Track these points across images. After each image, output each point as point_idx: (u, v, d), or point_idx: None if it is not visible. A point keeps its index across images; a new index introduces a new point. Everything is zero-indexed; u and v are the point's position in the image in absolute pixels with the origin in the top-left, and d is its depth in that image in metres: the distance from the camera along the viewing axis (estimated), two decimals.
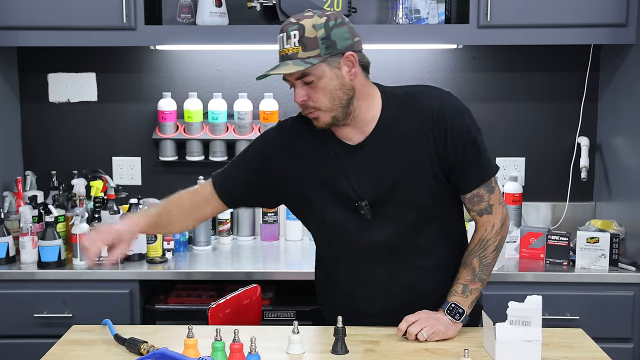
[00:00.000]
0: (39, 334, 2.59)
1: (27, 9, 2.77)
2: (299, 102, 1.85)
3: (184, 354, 1.72)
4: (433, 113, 1.87)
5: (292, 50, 1.80)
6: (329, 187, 1.90)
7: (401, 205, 1.89)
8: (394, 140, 1.88)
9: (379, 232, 1.90)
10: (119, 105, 3.21)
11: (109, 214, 2.80)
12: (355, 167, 1.89)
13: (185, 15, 2.98)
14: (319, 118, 1.85)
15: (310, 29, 1.79)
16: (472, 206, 1.94)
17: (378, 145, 1.88)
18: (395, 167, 1.87)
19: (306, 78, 1.81)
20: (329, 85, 1.82)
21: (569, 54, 3.12)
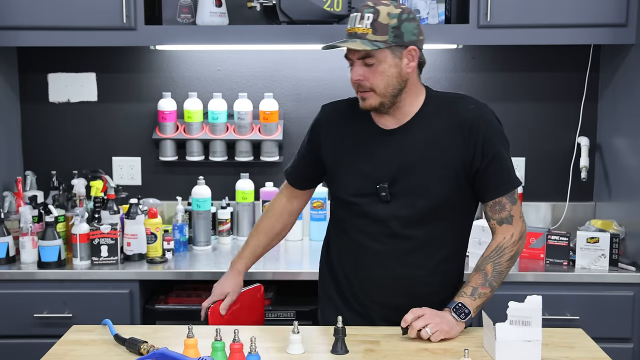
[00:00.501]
0: (39, 334, 2.59)
1: (27, 9, 2.77)
2: (354, 80, 1.95)
3: (184, 354, 1.72)
4: (469, 120, 1.96)
5: (362, 30, 1.91)
6: (357, 163, 2.02)
7: (417, 194, 1.97)
8: (426, 134, 1.98)
9: (392, 214, 1.98)
10: (119, 105, 3.21)
11: (109, 214, 2.80)
12: (383, 149, 2.00)
13: (185, 15, 2.98)
14: (368, 99, 1.95)
15: (384, 16, 1.91)
16: (492, 214, 2.01)
17: (410, 135, 1.99)
18: (421, 158, 1.97)
19: (368, 59, 1.92)
20: (387, 72, 1.93)
21: (569, 54, 3.12)
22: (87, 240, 2.69)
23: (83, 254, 2.69)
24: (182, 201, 3.05)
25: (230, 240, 3.10)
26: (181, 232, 2.94)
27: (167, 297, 2.77)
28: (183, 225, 2.95)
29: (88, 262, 2.70)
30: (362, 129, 2.04)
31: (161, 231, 2.83)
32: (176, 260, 2.84)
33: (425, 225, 1.99)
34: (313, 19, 2.82)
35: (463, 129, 1.95)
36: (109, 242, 2.70)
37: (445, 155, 1.96)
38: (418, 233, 2.00)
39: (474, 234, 2.68)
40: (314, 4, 2.81)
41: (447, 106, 2.00)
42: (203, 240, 2.97)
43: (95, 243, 2.70)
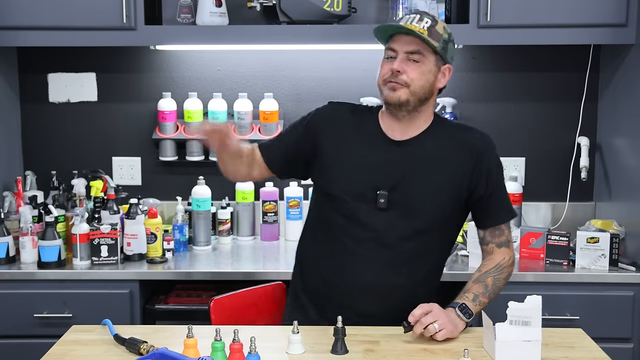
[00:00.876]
0: (39, 334, 2.59)
1: (27, 9, 2.77)
2: (395, 69, 1.97)
3: (184, 354, 1.72)
4: (478, 148, 2.05)
5: (419, 29, 1.95)
6: (359, 165, 2.03)
7: (415, 208, 2.01)
8: (433, 152, 2.03)
9: (388, 223, 2.00)
10: (119, 105, 3.21)
11: (109, 214, 2.80)
12: (388, 158, 2.03)
13: (185, 15, 2.98)
14: (399, 90, 1.98)
15: (441, 26, 2.00)
16: (492, 238, 2.08)
17: (416, 148, 2.03)
18: (424, 173, 2.01)
19: (416, 55, 1.97)
20: (427, 74, 1.99)
21: (569, 54, 3.12)
22: (87, 240, 2.69)
23: (83, 254, 2.69)
24: (182, 201, 3.05)
25: (230, 240, 3.10)
26: (181, 232, 2.94)
27: (167, 297, 2.77)
28: (183, 225, 2.95)
29: (88, 262, 2.70)
30: (369, 134, 2.07)
31: (161, 231, 2.83)
32: (176, 260, 2.84)
33: (418, 238, 2.02)
34: (313, 19, 2.82)
35: (472, 155, 2.03)
36: (109, 242, 2.70)
37: (449, 175, 2.02)
38: (411, 245, 2.02)
39: (474, 234, 2.68)
40: (314, 4, 2.81)
41: (455, 131, 2.08)
42: (203, 240, 2.97)
43: (95, 243, 2.70)
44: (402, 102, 1.98)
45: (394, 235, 2.01)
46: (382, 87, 2.02)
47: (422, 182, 2.01)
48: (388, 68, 2.00)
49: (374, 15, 3.08)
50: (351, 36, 2.84)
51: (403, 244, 2.01)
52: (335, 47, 3.10)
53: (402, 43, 1.99)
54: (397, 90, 1.98)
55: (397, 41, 2.00)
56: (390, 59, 2.01)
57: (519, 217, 3.09)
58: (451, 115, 3.09)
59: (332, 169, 2.07)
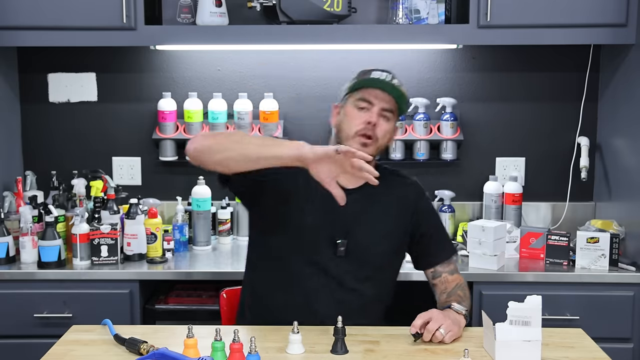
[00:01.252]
0: (39, 334, 2.59)
1: (27, 9, 2.77)
2: (372, 121, 1.99)
3: (184, 354, 1.72)
4: (411, 194, 2.15)
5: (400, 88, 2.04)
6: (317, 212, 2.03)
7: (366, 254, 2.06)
8: (377, 199, 2.08)
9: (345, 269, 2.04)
10: (119, 105, 3.21)
11: (109, 214, 2.80)
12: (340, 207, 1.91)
13: (185, 15, 2.98)
14: (368, 146, 2.00)
15: (404, 88, 2.08)
16: (443, 269, 2.16)
17: (364, 197, 2.06)
18: (372, 220, 2.08)
19: (388, 114, 2.03)
20: (391, 132, 2.07)
21: (569, 54, 3.12)
22: (87, 240, 2.69)
23: (83, 254, 2.69)
24: (182, 201, 3.05)
25: (230, 240, 3.10)
26: (181, 232, 2.94)
27: (167, 297, 2.77)
28: (183, 225, 2.95)
29: (88, 262, 2.70)
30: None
31: (161, 231, 2.82)
32: (176, 260, 2.84)
33: (371, 280, 2.08)
34: (313, 19, 2.82)
35: (408, 201, 2.13)
36: (109, 242, 2.70)
37: (392, 220, 2.10)
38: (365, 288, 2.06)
39: (474, 234, 2.69)
40: (314, 4, 2.81)
41: (392, 178, 2.15)
42: (203, 240, 2.97)
43: (95, 243, 2.70)
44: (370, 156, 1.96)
45: (350, 279, 2.05)
46: (352, 138, 2.00)
47: (371, 228, 2.07)
48: (364, 119, 2.00)
49: (374, 15, 3.09)
50: (351, 36, 2.84)
51: (359, 287, 2.06)
52: (335, 47, 3.10)
53: (379, 98, 2.01)
54: (368, 147, 1.99)
55: (374, 95, 2.01)
56: (363, 110, 2.01)
57: (518, 217, 3.09)
58: (451, 115, 3.10)
59: (290, 214, 2.04)
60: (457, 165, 3.21)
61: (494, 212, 3.09)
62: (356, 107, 2.02)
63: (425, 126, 3.11)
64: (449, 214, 3.11)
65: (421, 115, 3.10)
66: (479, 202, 3.19)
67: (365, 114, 2.00)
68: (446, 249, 2.20)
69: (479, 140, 3.21)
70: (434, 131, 3.12)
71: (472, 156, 3.21)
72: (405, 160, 3.15)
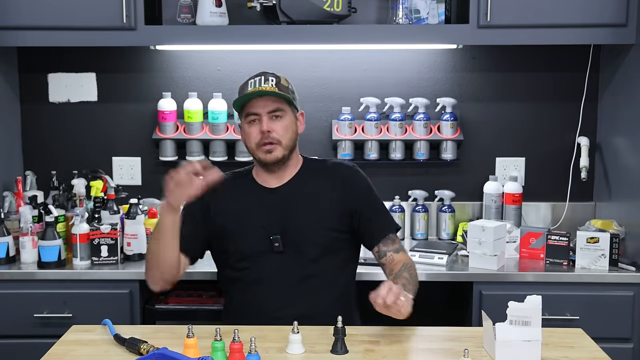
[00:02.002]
0: (39, 334, 2.59)
1: (27, 9, 2.77)
2: (264, 130, 2.11)
3: (184, 354, 1.72)
4: (342, 176, 2.22)
5: (269, 88, 2.12)
6: (249, 221, 2.17)
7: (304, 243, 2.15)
8: (306, 190, 2.19)
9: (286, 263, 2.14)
10: (119, 105, 3.21)
11: (109, 214, 2.80)
12: (269, 206, 2.18)
13: (185, 15, 2.98)
14: (274, 151, 2.14)
15: (284, 80, 2.18)
16: (387, 247, 2.19)
17: (292, 191, 2.19)
18: (303, 210, 2.16)
19: (278, 112, 2.13)
20: (291, 126, 2.16)
21: (569, 54, 3.12)
22: (87, 240, 2.70)
23: (83, 254, 2.69)
24: None
25: None
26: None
27: (167, 297, 2.77)
28: None
29: (88, 262, 2.70)
30: (247, 191, 2.22)
31: None
32: None
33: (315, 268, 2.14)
34: (313, 19, 2.82)
35: (342, 184, 2.20)
36: (109, 242, 2.70)
37: (326, 206, 2.17)
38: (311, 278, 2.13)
39: (474, 234, 2.69)
40: (314, 4, 2.81)
41: (323, 167, 2.25)
42: None
43: (95, 243, 2.70)
44: (279, 159, 2.15)
45: (295, 272, 2.13)
46: (257, 151, 2.16)
47: (304, 218, 2.15)
48: (257, 131, 2.13)
49: (374, 15, 3.09)
50: (351, 36, 2.85)
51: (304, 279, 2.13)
52: (335, 47, 3.10)
53: (260, 105, 2.12)
54: (273, 152, 2.14)
55: (255, 105, 2.13)
56: (254, 122, 2.14)
57: (518, 217, 3.09)
58: (451, 115, 3.10)
59: (230, 233, 2.18)
60: (457, 165, 3.21)
61: (494, 212, 3.09)
62: (248, 123, 2.15)
63: (425, 126, 3.11)
64: (449, 214, 3.12)
65: (421, 115, 3.10)
66: (479, 202, 3.19)
67: (257, 126, 2.13)
68: (384, 226, 2.21)
69: (479, 140, 3.21)
70: (434, 131, 3.12)
71: (472, 156, 3.21)
72: (405, 160, 3.15)
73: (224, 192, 2.19)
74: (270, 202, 2.19)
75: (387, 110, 3.14)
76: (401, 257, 2.18)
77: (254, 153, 2.17)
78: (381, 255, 2.19)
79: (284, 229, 2.15)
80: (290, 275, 2.14)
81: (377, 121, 3.10)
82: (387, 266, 2.17)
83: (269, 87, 2.12)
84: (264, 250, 2.15)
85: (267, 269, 2.15)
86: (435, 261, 2.71)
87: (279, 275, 2.14)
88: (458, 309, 2.85)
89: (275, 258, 2.14)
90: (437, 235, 3.16)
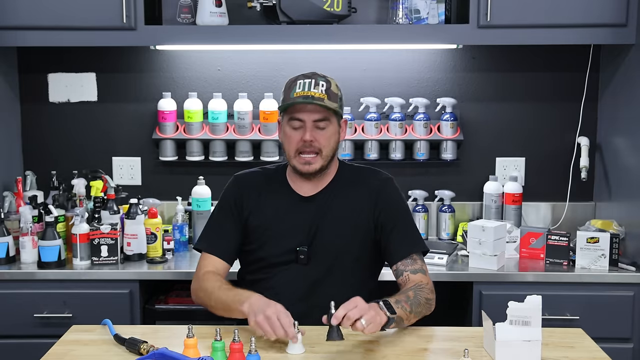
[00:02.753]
0: (39, 334, 2.59)
1: (27, 9, 2.77)
2: (307, 140, 2.04)
3: (184, 354, 1.72)
4: (375, 187, 2.16)
5: (319, 95, 2.04)
6: (279, 229, 2.12)
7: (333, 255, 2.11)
8: (340, 200, 2.14)
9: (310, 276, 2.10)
10: (119, 105, 3.21)
11: (109, 214, 2.80)
12: (300, 216, 2.13)
13: (185, 15, 2.98)
14: (313, 163, 2.08)
15: (334, 86, 2.10)
16: (405, 267, 2.10)
17: (326, 201, 2.14)
18: (335, 221, 2.12)
19: (323, 122, 2.06)
20: (333, 135, 2.09)
21: (569, 54, 3.11)
22: (87, 240, 2.70)
23: (83, 254, 2.69)
24: (182, 201, 3.05)
25: None
26: (181, 232, 2.94)
27: (167, 297, 2.77)
28: (183, 225, 2.95)
29: (88, 262, 2.70)
30: (282, 197, 2.16)
31: (161, 231, 2.83)
32: (176, 260, 2.84)
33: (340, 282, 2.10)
34: (313, 19, 2.82)
35: (371, 195, 2.14)
36: (109, 242, 2.70)
37: (357, 218, 2.12)
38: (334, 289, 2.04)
39: (474, 234, 2.69)
40: (314, 4, 2.81)
41: (356, 175, 2.20)
42: None
43: (95, 243, 2.70)
44: (317, 170, 2.09)
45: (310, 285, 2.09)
46: (294, 159, 2.10)
47: (333, 231, 2.11)
48: (299, 137, 2.07)
49: (374, 15, 3.08)
50: (351, 36, 2.85)
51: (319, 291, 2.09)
52: (335, 47, 3.10)
53: (307, 112, 2.05)
54: (312, 163, 2.08)
55: (301, 110, 2.06)
56: (297, 127, 2.07)
57: (518, 217, 3.09)
58: (451, 115, 3.10)
59: (261, 237, 2.15)
60: (457, 165, 3.21)
61: (494, 212, 3.09)
62: (291, 127, 2.08)
63: (425, 126, 3.11)
64: (449, 214, 3.11)
65: (421, 115, 3.10)
66: (479, 202, 3.19)
67: (299, 133, 2.07)
68: (406, 245, 2.13)
69: (479, 140, 3.21)
70: (434, 131, 3.12)
71: (472, 156, 3.21)
72: (405, 160, 3.15)
73: (258, 193, 2.17)
74: (302, 211, 2.14)
75: (387, 110, 3.14)
76: (417, 277, 2.07)
77: (291, 159, 2.11)
78: (398, 274, 2.11)
79: (312, 242, 2.11)
80: (305, 287, 2.09)
81: (377, 121, 3.11)
82: (402, 287, 2.06)
83: (318, 92, 2.04)
84: (288, 260, 2.11)
85: (285, 279, 2.11)
86: (435, 261, 2.71)
87: (295, 287, 2.10)
88: (458, 309, 2.85)
89: (296, 268, 2.10)
90: (437, 235, 3.16)
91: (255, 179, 2.23)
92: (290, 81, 2.12)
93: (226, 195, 2.22)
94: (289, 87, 2.10)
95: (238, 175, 2.25)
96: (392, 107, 3.11)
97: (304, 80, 2.07)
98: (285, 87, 2.12)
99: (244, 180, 2.23)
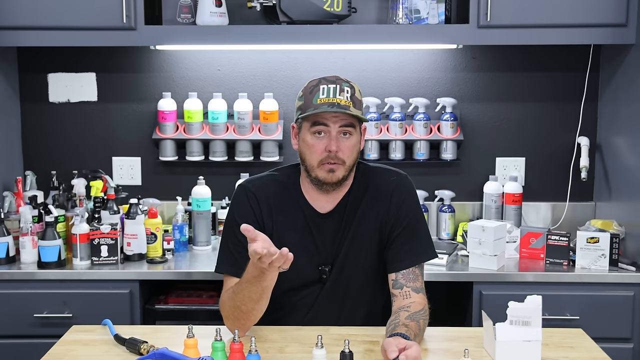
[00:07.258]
0: (39, 334, 2.59)
1: (27, 9, 2.77)
2: (332, 150, 1.91)
3: (184, 354, 1.72)
4: (389, 189, 2.03)
5: (344, 102, 1.91)
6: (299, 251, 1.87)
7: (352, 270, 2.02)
8: (355, 214, 2.02)
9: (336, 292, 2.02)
10: (119, 105, 3.21)
11: (109, 214, 2.80)
12: (321, 236, 2.02)
13: (185, 15, 2.98)
14: (337, 172, 1.94)
15: (358, 92, 1.98)
16: (406, 282, 1.98)
17: (342, 216, 2.02)
18: (352, 236, 2.01)
19: (349, 129, 1.93)
20: (357, 145, 1.97)
21: (569, 54, 3.12)
22: (87, 240, 2.70)
23: (83, 254, 2.69)
24: (182, 201, 3.05)
25: None
26: (181, 232, 2.94)
27: (167, 297, 2.77)
28: (183, 225, 2.95)
29: (88, 262, 2.70)
30: (299, 215, 2.02)
31: (161, 231, 2.83)
32: (176, 260, 2.84)
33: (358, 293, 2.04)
34: (313, 19, 2.82)
35: (386, 198, 2.02)
36: (109, 242, 2.70)
37: (373, 229, 2.02)
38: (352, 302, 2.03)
39: (474, 234, 2.69)
40: (314, 4, 2.81)
41: (371, 179, 2.05)
42: (203, 240, 2.97)
43: (95, 243, 2.70)
44: (340, 180, 1.95)
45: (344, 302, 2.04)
46: (317, 169, 1.94)
47: (355, 249, 2.01)
48: (323, 147, 1.92)
49: (374, 15, 3.08)
50: (351, 36, 2.84)
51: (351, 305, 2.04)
52: (335, 47, 3.10)
53: (332, 119, 1.92)
54: (336, 172, 1.94)
55: (326, 117, 1.92)
56: (320, 134, 1.93)
57: (518, 217, 3.09)
58: (451, 115, 3.10)
59: None
60: (457, 165, 3.21)
61: (494, 212, 3.09)
62: (313, 134, 1.94)
63: (425, 126, 3.11)
64: (449, 214, 3.12)
65: (421, 115, 3.10)
66: (479, 202, 3.19)
67: (323, 141, 1.93)
68: (411, 255, 2.00)
69: (479, 140, 3.21)
70: (434, 131, 3.12)
71: (472, 156, 3.21)
72: (405, 160, 3.15)
73: (275, 209, 2.02)
74: (321, 230, 2.02)
75: (387, 110, 3.14)
76: (420, 299, 1.95)
77: (312, 170, 1.95)
78: (396, 286, 1.97)
79: (334, 261, 2.01)
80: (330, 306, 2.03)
81: (377, 121, 3.11)
82: (399, 300, 1.95)
83: (344, 100, 1.91)
84: (311, 282, 2.02)
85: (309, 299, 2.03)
86: (435, 261, 2.68)
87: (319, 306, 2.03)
88: (458, 309, 2.85)
89: (319, 288, 2.02)
90: (437, 235, 3.16)
91: (268, 190, 2.05)
92: (311, 85, 1.97)
93: (242, 211, 2.02)
94: (310, 91, 1.94)
95: (249, 188, 2.05)
96: (392, 107, 3.12)
97: (328, 86, 1.93)
98: (305, 91, 1.97)
99: (258, 194, 2.03)
